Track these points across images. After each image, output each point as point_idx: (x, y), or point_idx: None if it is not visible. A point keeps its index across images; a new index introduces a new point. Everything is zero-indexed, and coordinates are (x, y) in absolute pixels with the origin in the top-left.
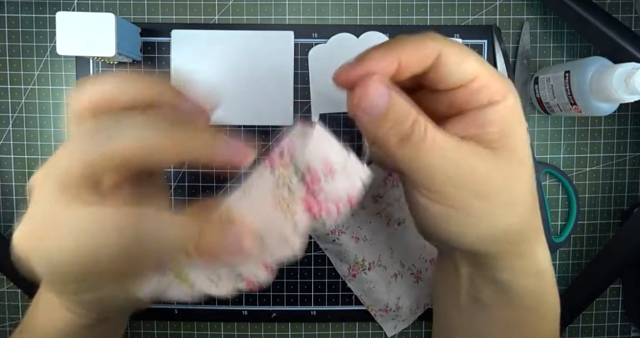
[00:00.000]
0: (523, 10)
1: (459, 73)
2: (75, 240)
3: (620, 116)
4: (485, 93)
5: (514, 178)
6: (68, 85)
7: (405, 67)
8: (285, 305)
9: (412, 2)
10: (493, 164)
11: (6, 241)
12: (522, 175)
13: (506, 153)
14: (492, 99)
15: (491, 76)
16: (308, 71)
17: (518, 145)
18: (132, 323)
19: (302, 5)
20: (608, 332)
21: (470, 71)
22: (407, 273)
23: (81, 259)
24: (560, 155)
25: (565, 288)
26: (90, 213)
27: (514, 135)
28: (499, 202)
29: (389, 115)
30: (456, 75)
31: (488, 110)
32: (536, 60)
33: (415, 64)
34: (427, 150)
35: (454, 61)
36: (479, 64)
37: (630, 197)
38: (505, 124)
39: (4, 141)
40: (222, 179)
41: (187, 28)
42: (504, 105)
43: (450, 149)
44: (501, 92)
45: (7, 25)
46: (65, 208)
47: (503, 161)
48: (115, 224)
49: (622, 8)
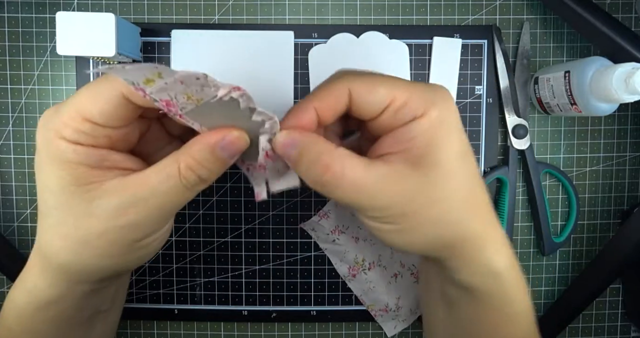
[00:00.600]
0: (523, 10)
1: (374, 102)
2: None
3: (620, 116)
4: (406, 111)
5: (439, 193)
6: (68, 85)
7: (324, 113)
8: (285, 305)
9: (412, 2)
10: (415, 182)
11: (6, 241)
12: (448, 187)
13: (430, 167)
14: (415, 115)
15: (409, 94)
16: (308, 71)
17: (443, 158)
18: (132, 323)
19: (302, 5)
20: (608, 332)
21: (383, 97)
22: (407, 273)
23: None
24: (560, 155)
25: (565, 288)
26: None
27: (439, 147)
28: (424, 217)
29: (301, 160)
30: (372, 104)
31: (412, 125)
32: (536, 60)
33: (331, 107)
34: (344, 189)
35: (365, 92)
36: (390, 87)
37: (630, 197)
38: (429, 137)
39: (4, 141)
40: (222, 179)
41: (187, 28)
42: (427, 119)
43: (369, 183)
44: (422, 108)
45: (7, 25)
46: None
47: (425, 177)
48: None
49: (622, 8)
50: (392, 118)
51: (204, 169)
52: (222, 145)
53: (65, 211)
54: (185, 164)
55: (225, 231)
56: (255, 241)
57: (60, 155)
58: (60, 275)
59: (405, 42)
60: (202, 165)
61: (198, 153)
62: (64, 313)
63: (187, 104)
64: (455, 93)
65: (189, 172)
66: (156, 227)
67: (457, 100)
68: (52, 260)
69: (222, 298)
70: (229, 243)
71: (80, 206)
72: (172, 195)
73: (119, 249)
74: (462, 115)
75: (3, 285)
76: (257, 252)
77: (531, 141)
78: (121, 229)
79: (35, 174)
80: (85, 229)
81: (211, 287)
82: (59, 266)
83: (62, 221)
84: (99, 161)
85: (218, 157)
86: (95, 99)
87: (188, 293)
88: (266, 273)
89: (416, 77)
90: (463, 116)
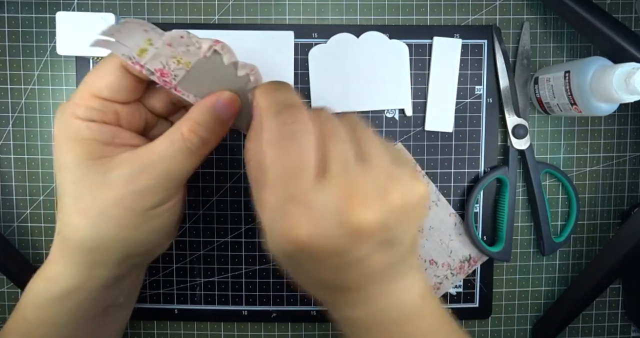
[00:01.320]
0: (523, 10)
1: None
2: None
3: (620, 116)
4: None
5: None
6: (68, 85)
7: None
8: (285, 305)
9: (412, 2)
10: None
11: (6, 241)
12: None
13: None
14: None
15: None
16: (308, 71)
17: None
18: (132, 323)
19: (302, 5)
20: (608, 332)
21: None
22: None
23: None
24: (560, 155)
25: (565, 288)
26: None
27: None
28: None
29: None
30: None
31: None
32: (536, 60)
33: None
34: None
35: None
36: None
37: (630, 197)
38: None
39: (4, 141)
40: (222, 179)
41: (187, 28)
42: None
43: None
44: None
45: (7, 25)
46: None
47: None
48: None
49: (622, 8)
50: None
51: (205, 130)
52: (218, 106)
53: (82, 184)
54: (187, 127)
55: (225, 231)
56: (255, 241)
57: (76, 132)
58: (80, 257)
59: (405, 42)
60: (203, 126)
61: (198, 116)
62: (82, 305)
63: (178, 69)
64: (455, 93)
65: (191, 134)
66: (166, 193)
67: (457, 100)
68: (71, 240)
69: (222, 298)
70: (229, 243)
71: (96, 177)
72: (178, 159)
73: (134, 219)
74: (462, 115)
75: (3, 285)
76: (257, 252)
77: (531, 141)
78: (135, 195)
79: (54, 160)
80: (102, 199)
81: (211, 287)
82: (78, 245)
83: (80, 195)
84: (111, 138)
85: (216, 117)
86: (100, 74)
87: (188, 293)
88: (266, 273)
89: (416, 77)
90: (463, 116)
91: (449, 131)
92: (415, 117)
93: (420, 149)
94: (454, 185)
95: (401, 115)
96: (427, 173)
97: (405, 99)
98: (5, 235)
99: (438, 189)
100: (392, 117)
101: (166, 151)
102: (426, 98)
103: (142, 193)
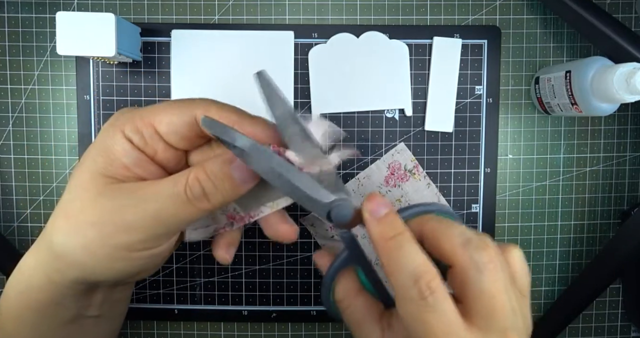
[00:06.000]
0: (523, 10)
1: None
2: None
3: (620, 116)
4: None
5: None
6: (68, 85)
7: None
8: (285, 305)
9: (412, 2)
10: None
11: (6, 241)
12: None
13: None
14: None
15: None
16: (308, 71)
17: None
18: (132, 323)
19: (302, 5)
20: (608, 332)
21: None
22: None
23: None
24: (560, 155)
25: (565, 288)
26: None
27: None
28: None
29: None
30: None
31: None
32: (536, 60)
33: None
34: (427, 314)
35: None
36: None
37: (630, 197)
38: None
39: (4, 141)
40: None
41: (187, 28)
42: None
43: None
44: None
45: (7, 25)
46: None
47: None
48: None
49: (622, 8)
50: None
51: (210, 184)
52: (235, 165)
53: (81, 191)
54: (195, 174)
55: None
56: (255, 241)
57: (109, 143)
58: (47, 256)
59: (405, 42)
60: (210, 179)
61: (210, 166)
62: (44, 304)
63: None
64: (455, 93)
65: (194, 182)
66: (149, 236)
67: (457, 100)
68: (46, 236)
69: (222, 298)
70: None
71: (92, 192)
72: (173, 203)
73: (102, 250)
74: (462, 115)
75: (3, 286)
76: (257, 252)
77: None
78: (114, 227)
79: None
80: (86, 215)
81: (211, 287)
82: (50, 245)
83: (74, 199)
84: (134, 164)
85: (226, 174)
86: (171, 110)
87: (188, 293)
88: (266, 273)
89: (416, 77)
90: (463, 116)
91: (449, 131)
92: (415, 117)
93: (420, 149)
94: (454, 185)
95: (401, 115)
96: (427, 173)
97: (405, 99)
98: (5, 235)
99: (438, 189)
100: (392, 117)
101: (163, 191)
102: (426, 98)
103: (122, 227)
